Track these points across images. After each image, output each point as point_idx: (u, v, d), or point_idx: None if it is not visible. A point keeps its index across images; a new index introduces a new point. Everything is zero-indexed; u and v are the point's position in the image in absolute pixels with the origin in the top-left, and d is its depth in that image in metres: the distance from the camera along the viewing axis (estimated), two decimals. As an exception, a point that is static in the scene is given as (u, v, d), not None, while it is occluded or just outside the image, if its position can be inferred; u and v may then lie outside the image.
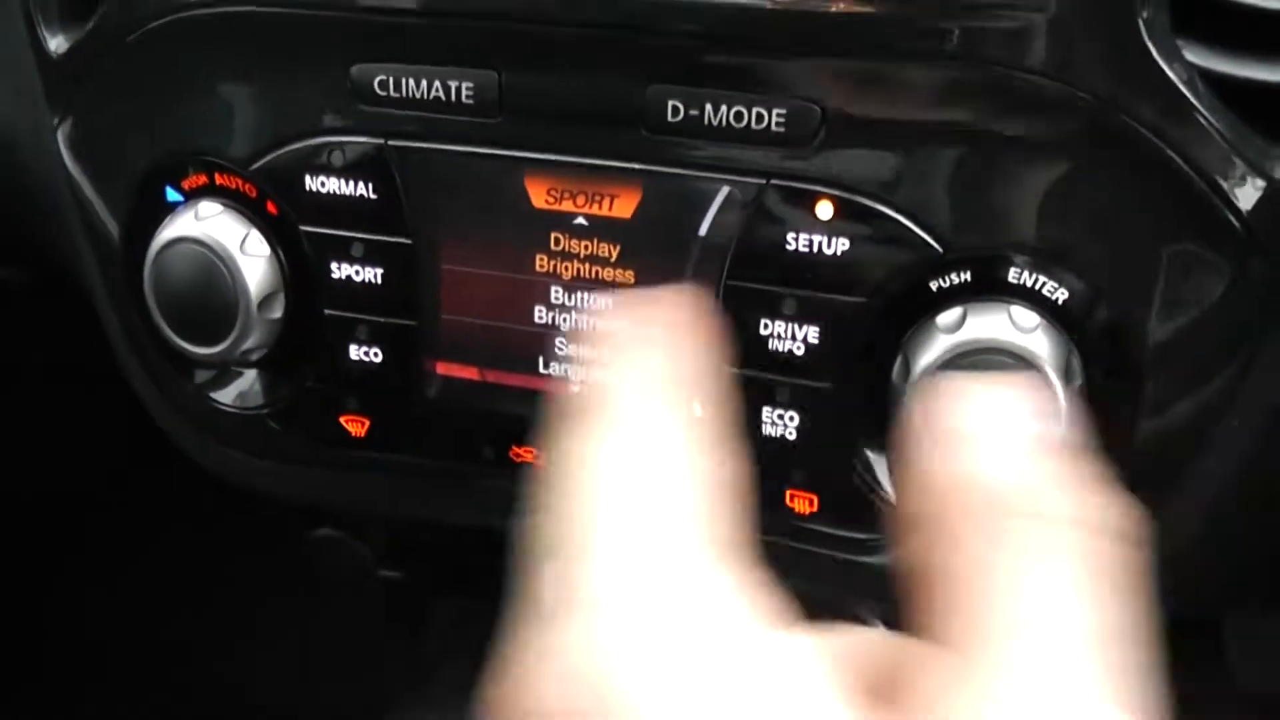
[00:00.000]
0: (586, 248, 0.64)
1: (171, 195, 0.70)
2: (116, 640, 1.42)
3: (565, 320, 0.66)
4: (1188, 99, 0.54)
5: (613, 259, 0.64)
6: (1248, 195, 0.55)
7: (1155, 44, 0.53)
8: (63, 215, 0.76)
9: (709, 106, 0.59)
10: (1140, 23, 0.53)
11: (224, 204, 0.68)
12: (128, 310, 0.73)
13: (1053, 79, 0.54)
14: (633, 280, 0.64)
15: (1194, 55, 0.54)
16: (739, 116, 0.58)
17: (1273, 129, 0.55)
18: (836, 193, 0.59)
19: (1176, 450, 0.59)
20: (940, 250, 0.58)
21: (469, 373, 0.69)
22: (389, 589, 0.98)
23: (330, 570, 0.94)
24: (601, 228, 0.63)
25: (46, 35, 0.71)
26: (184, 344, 0.69)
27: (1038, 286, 0.57)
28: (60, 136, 0.73)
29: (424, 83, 0.63)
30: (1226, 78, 0.54)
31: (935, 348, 0.57)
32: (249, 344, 0.69)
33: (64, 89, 0.72)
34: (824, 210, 0.59)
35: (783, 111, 0.58)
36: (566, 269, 0.65)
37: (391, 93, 0.63)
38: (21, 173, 0.77)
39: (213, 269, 0.67)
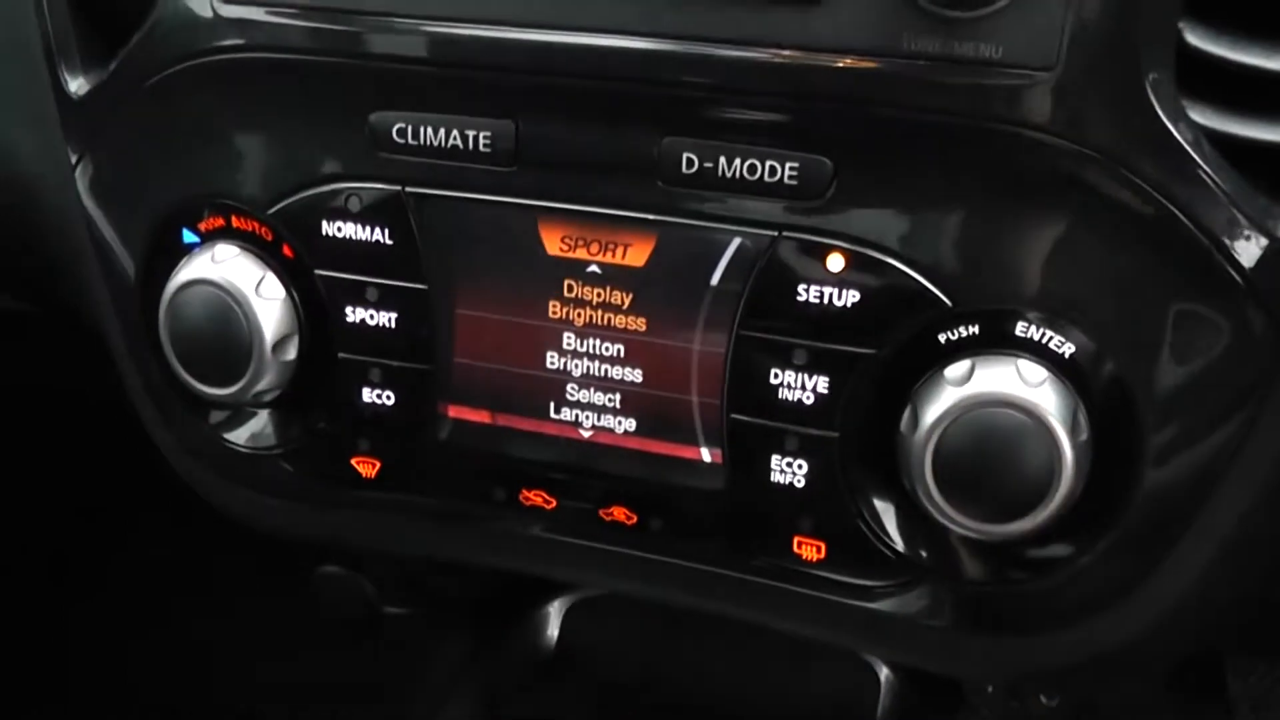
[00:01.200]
0: (599, 295, 0.65)
1: (188, 237, 0.71)
2: (116, 669, 1.42)
3: (577, 366, 0.66)
4: (1193, 158, 0.55)
5: (625, 306, 0.65)
6: (1251, 253, 0.56)
7: (1161, 104, 0.54)
8: (79, 254, 0.76)
9: (723, 159, 0.60)
10: (1146, 84, 0.54)
11: (240, 246, 0.69)
12: (142, 350, 0.74)
13: (1060, 136, 0.55)
14: (644, 328, 0.65)
15: (1199, 115, 0.55)
16: (752, 169, 0.59)
17: (1276, 188, 0.56)
18: (847, 245, 0.59)
19: (1181, 501, 0.60)
20: (949, 304, 0.59)
21: (480, 416, 0.69)
22: (395, 625, 0.98)
23: (335, 607, 0.94)
24: (615, 276, 0.64)
25: (68, 77, 0.72)
26: (198, 385, 0.70)
27: (1045, 341, 0.58)
28: (79, 177, 0.74)
29: (442, 131, 0.64)
30: (1231, 138, 0.55)
31: (944, 400, 0.58)
32: (262, 385, 0.69)
33: (83, 130, 0.73)
34: (835, 263, 0.60)
35: (795, 165, 0.59)
36: (579, 315, 0.66)
37: (410, 140, 0.64)
38: (40, 211, 0.78)
39: (228, 311, 0.68)
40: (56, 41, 0.72)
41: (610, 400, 0.67)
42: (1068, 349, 0.58)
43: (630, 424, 0.67)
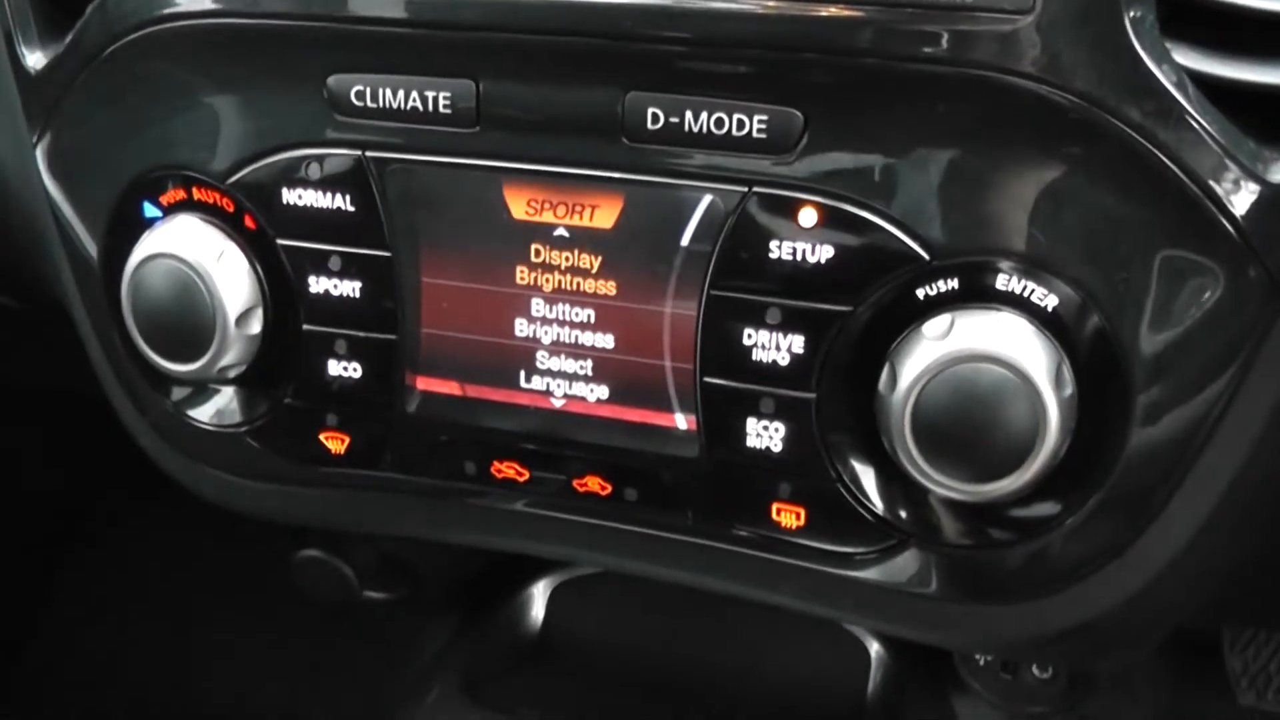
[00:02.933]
0: (568, 259, 0.63)
1: (149, 211, 0.69)
2: (99, 655, 1.41)
3: (547, 333, 0.65)
4: (1178, 101, 0.53)
5: (594, 270, 0.63)
6: (1241, 199, 0.54)
7: (1143, 45, 0.52)
8: (43, 235, 0.75)
9: (689, 114, 0.58)
10: (1127, 23, 0.52)
11: (202, 218, 0.68)
12: (106, 327, 0.72)
13: (1039, 81, 0.53)
14: (615, 292, 0.63)
15: (1183, 57, 0.53)
16: (720, 123, 0.58)
17: (1265, 132, 0.54)
18: (820, 200, 0.58)
19: (1171, 458, 0.58)
20: (927, 257, 0.57)
21: (450, 388, 0.67)
22: (376, 608, 0.96)
23: (315, 592, 0.93)
24: (583, 239, 0.62)
25: (25, 52, 0.71)
26: (161, 361, 0.68)
27: (1027, 294, 0.56)
28: (39, 154, 0.72)
29: (401, 93, 0.62)
30: (1217, 80, 0.53)
31: (922, 356, 0.56)
32: (227, 360, 0.67)
33: (42, 106, 0.71)
34: (807, 218, 0.58)
35: (764, 118, 0.57)
36: (548, 281, 0.64)
37: (369, 103, 0.62)
38: (3, 192, 0.76)
39: (190, 284, 0.66)
40: (13, 18, 0.70)
41: (581, 367, 0.65)
42: (1050, 301, 0.56)
43: (603, 391, 0.65)
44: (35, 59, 0.71)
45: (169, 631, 1.39)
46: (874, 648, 0.94)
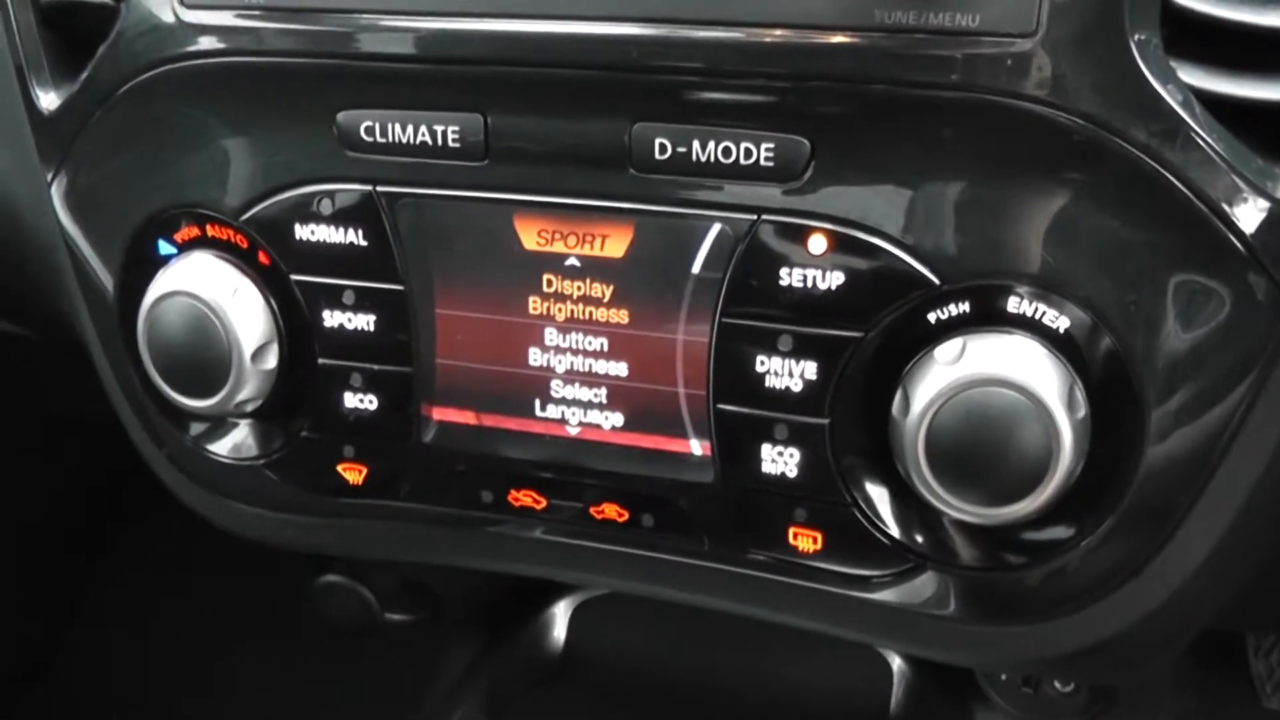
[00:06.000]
0: (579, 289, 0.63)
1: (164, 248, 0.70)
2: (124, 678, 1.42)
3: (561, 362, 0.65)
4: (1184, 120, 0.53)
5: (606, 299, 0.63)
6: (1250, 217, 0.54)
7: (1148, 65, 0.52)
8: (59, 271, 0.75)
9: (696, 143, 0.58)
10: (1132, 44, 0.52)
11: (216, 255, 0.68)
12: (123, 364, 0.73)
13: (1045, 104, 0.53)
14: (627, 320, 0.63)
15: (1189, 75, 0.53)
16: (727, 152, 0.58)
17: (1272, 149, 0.54)
18: (829, 226, 0.58)
19: (1185, 477, 0.58)
20: (937, 282, 0.57)
21: (465, 417, 0.68)
22: (399, 631, 0.97)
23: (336, 616, 0.93)
24: (594, 268, 0.63)
25: (38, 92, 0.71)
26: (178, 397, 0.69)
27: (1038, 316, 0.56)
28: (54, 192, 0.73)
29: (410, 128, 0.62)
30: (1223, 98, 0.53)
31: (935, 381, 0.56)
32: (243, 395, 0.68)
33: (56, 146, 0.72)
34: (817, 244, 0.58)
35: (771, 146, 0.57)
36: (560, 310, 0.64)
37: (378, 139, 0.63)
38: (19, 229, 0.77)
39: (205, 321, 0.67)
40: (26, 59, 0.71)
41: (596, 395, 0.65)
42: (1062, 323, 0.56)
43: (618, 419, 0.65)
44: (49, 99, 0.71)
45: (193, 654, 1.40)
46: (896, 662, 0.94)
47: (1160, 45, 0.53)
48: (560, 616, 1.01)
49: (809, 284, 0.59)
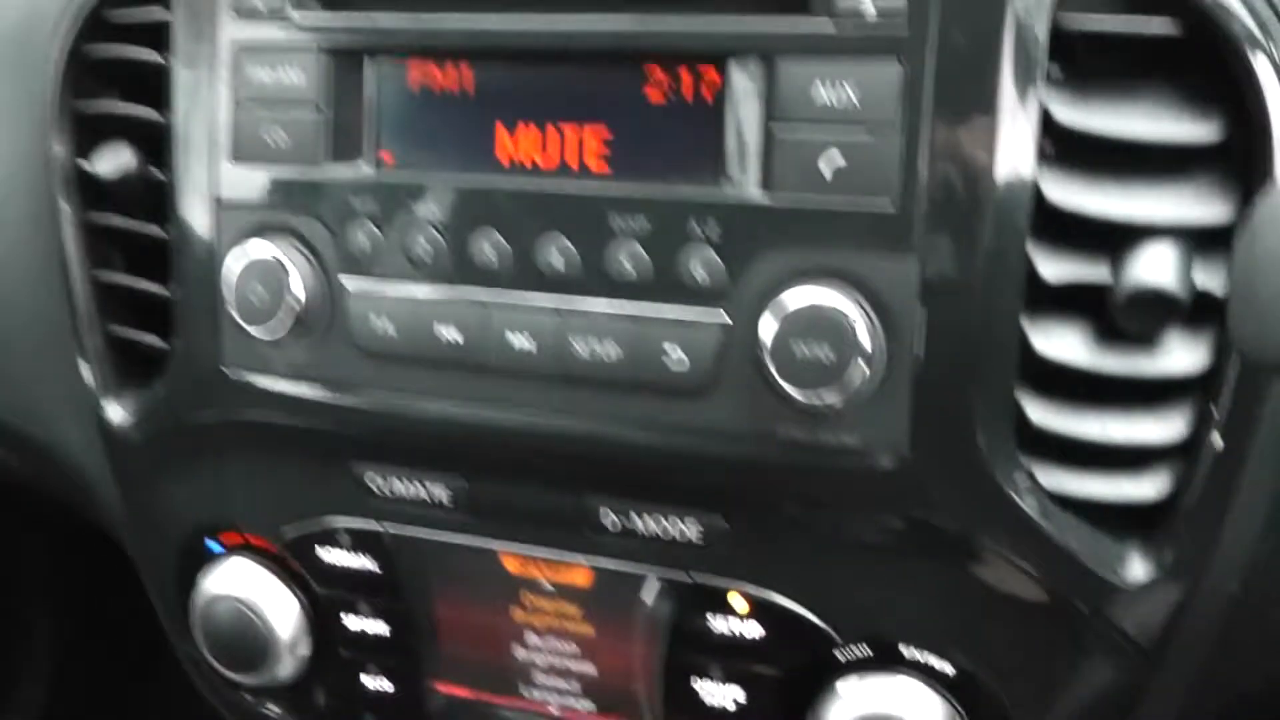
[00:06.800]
0: (553, 606, 0.76)
1: (213, 546, 0.84)
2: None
3: (541, 658, 0.78)
4: (1037, 525, 0.63)
5: (575, 617, 0.76)
6: (1105, 596, 0.64)
7: (1002, 477, 0.63)
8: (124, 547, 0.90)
9: (634, 516, 0.71)
10: (988, 460, 0.63)
11: (256, 560, 0.82)
12: (183, 640, 0.87)
13: (914, 515, 0.65)
14: (593, 634, 0.76)
15: (1044, 477, 0.64)
16: (660, 524, 0.70)
17: (1126, 526, 0.64)
18: (748, 589, 0.70)
19: None
20: (838, 638, 0.69)
21: (466, 693, 0.81)
22: None
23: None
24: (565, 592, 0.76)
25: (104, 405, 0.85)
26: (226, 672, 0.83)
27: (926, 661, 0.68)
28: (118, 490, 0.87)
29: (409, 484, 0.76)
30: (1074, 499, 0.64)
31: (838, 714, 0.69)
32: (281, 674, 0.82)
33: (121, 456, 0.86)
34: (737, 602, 0.71)
35: (698, 527, 0.70)
36: (538, 620, 0.77)
37: (384, 490, 0.76)
38: (82, 489, 0.91)
39: (248, 620, 0.81)
40: (98, 379, 0.85)
41: (571, 686, 0.78)
42: (947, 669, 0.68)
43: (590, 705, 0.78)
44: (116, 413, 0.85)
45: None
46: None
47: (1014, 457, 0.64)
48: None
49: (732, 632, 0.71)
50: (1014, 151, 0.61)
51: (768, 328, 0.63)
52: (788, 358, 0.63)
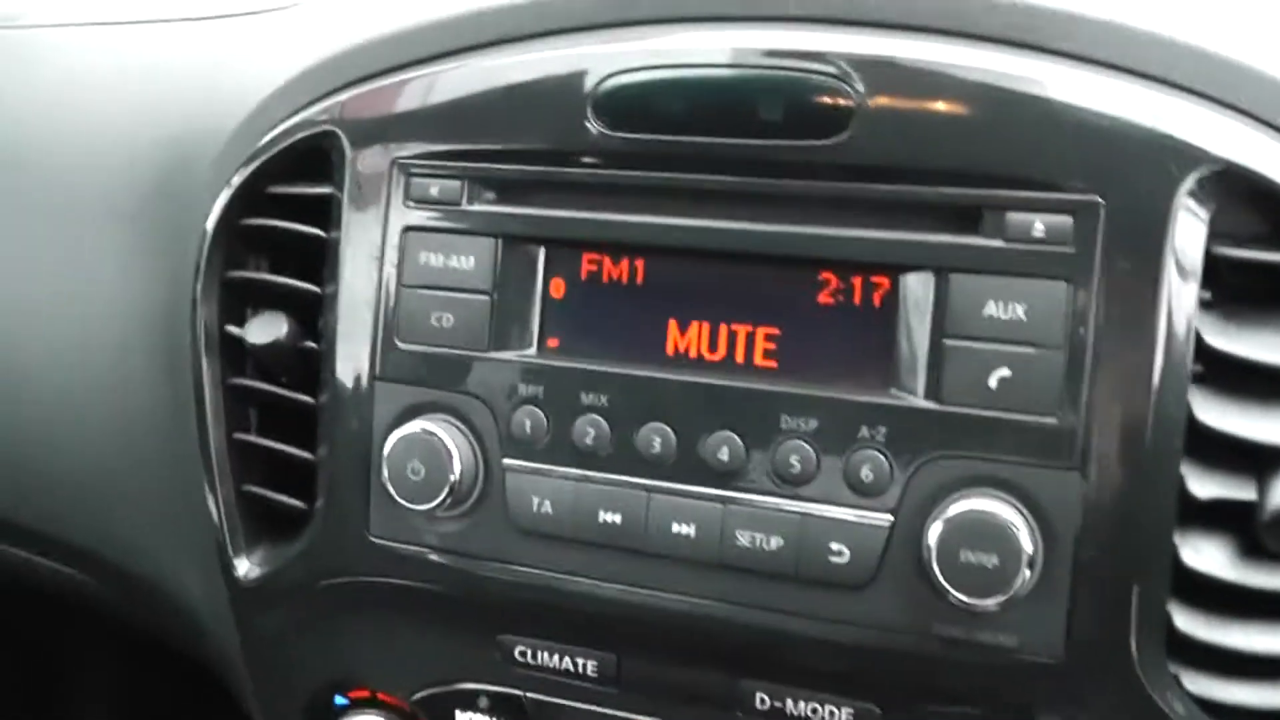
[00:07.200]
0: None
1: (339, 699, 0.86)
2: None
3: None
4: None
5: None
6: None
7: (1153, 687, 0.66)
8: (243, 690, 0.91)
9: (789, 700, 0.73)
10: (1139, 670, 0.66)
11: (387, 717, 0.84)
12: None
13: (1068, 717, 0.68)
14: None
15: (1192, 685, 0.67)
16: (815, 711, 0.73)
17: None
18: None
19: None
20: None
21: None
22: None
23: None
24: None
25: (235, 561, 0.87)
26: None
27: None
28: (239, 638, 0.89)
29: (557, 656, 0.78)
30: (1224, 706, 0.66)
31: None
32: None
33: (249, 609, 0.87)
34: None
35: (850, 710, 0.72)
36: None
37: (530, 660, 0.78)
38: (200, 635, 0.92)
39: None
40: (228, 533, 0.86)
41: None
42: None
43: None
44: (245, 568, 0.87)
45: None
46: None
47: (1164, 666, 0.66)
48: None
49: None
50: (1170, 373, 0.65)
51: (933, 532, 0.66)
52: (952, 562, 0.66)
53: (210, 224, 0.83)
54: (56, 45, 1.02)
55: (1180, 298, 0.64)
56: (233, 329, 0.84)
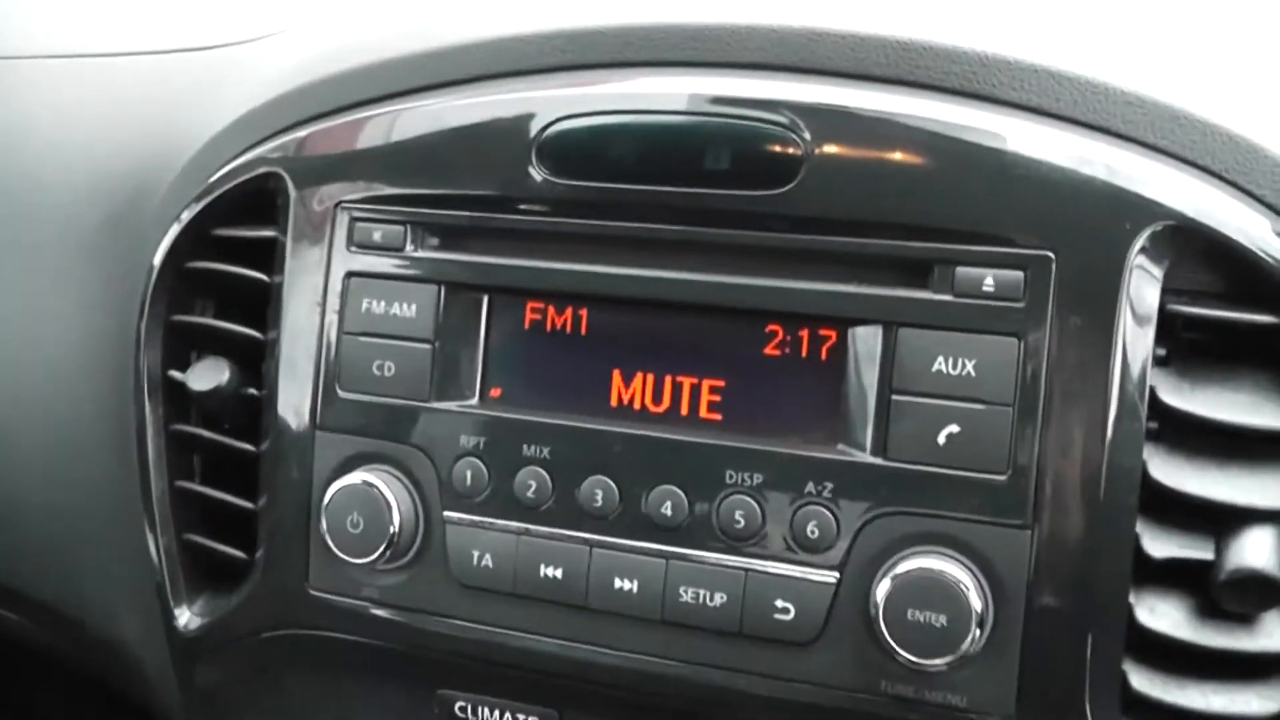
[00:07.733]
0: None
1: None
2: None
3: None
4: None
5: None
6: None
7: None
8: None
9: None
10: (1088, 718, 0.64)
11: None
12: None
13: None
14: None
15: None
16: None
17: None
18: None
19: None
20: None
21: None
22: None
23: None
24: None
25: (175, 611, 0.85)
26: None
27: None
28: (178, 688, 0.86)
29: (497, 713, 0.76)
30: None
31: None
32: None
33: (189, 660, 0.85)
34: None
35: None
36: None
37: (470, 716, 0.76)
38: (145, 690, 0.90)
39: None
40: (169, 582, 0.84)
41: None
42: None
43: None
44: (185, 618, 0.84)
45: None
46: None
47: (1119, 717, 0.64)
48: None
49: None
50: (1124, 431, 0.63)
51: (880, 590, 0.65)
52: (900, 621, 0.64)
53: (157, 260, 0.82)
54: (18, 77, 1.01)
55: (1134, 355, 0.63)
56: (175, 374, 0.82)
